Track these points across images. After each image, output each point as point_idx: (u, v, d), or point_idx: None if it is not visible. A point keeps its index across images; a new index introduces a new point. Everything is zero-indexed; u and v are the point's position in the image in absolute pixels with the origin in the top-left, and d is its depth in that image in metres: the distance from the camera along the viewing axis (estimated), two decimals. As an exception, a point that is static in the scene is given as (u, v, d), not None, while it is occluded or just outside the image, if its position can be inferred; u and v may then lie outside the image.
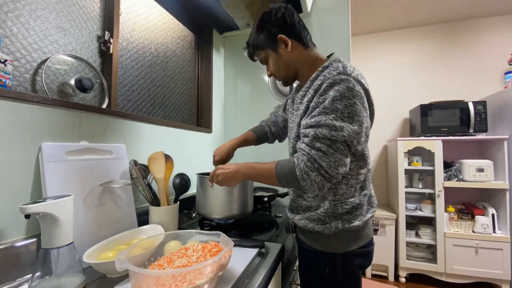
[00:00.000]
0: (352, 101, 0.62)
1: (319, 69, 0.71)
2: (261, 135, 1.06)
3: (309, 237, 0.78)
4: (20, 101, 0.61)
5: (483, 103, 2.07)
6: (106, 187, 0.77)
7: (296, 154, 0.67)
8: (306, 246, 0.79)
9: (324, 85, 0.65)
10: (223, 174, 0.76)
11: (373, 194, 0.80)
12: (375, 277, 2.27)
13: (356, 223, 0.71)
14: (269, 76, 0.83)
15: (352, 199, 0.72)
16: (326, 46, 1.44)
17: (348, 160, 0.64)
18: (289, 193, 0.86)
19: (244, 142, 1.04)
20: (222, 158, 1.00)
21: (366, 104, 0.66)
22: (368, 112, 0.68)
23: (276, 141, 1.11)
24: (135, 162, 0.88)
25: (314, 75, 0.71)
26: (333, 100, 0.62)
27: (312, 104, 0.67)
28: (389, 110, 2.62)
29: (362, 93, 0.65)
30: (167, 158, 0.95)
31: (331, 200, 0.71)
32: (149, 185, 0.89)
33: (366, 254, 0.76)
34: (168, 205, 0.89)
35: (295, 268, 1.10)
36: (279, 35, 0.73)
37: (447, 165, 2.14)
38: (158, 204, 0.88)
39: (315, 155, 0.62)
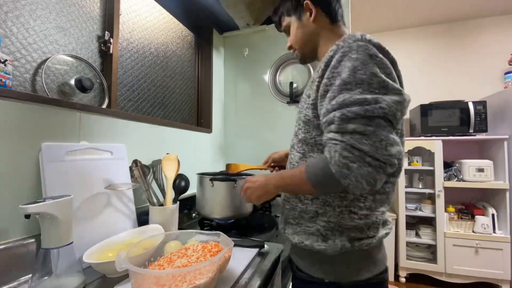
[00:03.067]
0: (378, 69, 0.49)
1: (336, 42, 0.57)
2: None
3: (306, 260, 0.61)
4: (20, 101, 0.61)
5: (483, 103, 2.07)
6: (111, 190, 0.77)
7: (326, 148, 0.51)
8: (301, 274, 0.62)
9: (337, 55, 0.52)
10: (251, 189, 0.65)
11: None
12: (375, 277, 2.27)
13: (368, 241, 0.56)
14: (288, 48, 0.74)
15: (365, 212, 0.56)
16: (326, 46, 1.44)
17: (397, 138, 0.48)
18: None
19: None
20: (281, 158, 0.91)
21: (394, 75, 0.52)
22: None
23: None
24: (137, 162, 0.88)
25: (329, 49, 0.57)
26: (354, 71, 0.49)
27: (324, 81, 0.53)
28: (389, 110, 2.62)
29: (388, 63, 0.51)
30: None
31: (336, 206, 0.56)
32: (150, 186, 0.89)
33: (381, 283, 0.59)
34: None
35: (295, 268, 1.09)
36: (305, 1, 0.66)
37: (447, 165, 2.14)
38: (162, 204, 0.89)
39: (351, 139, 0.46)
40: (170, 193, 0.91)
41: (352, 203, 0.56)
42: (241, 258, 0.68)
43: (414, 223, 2.29)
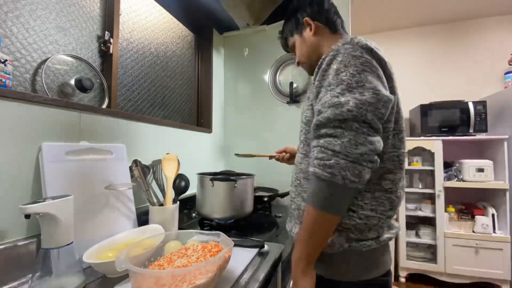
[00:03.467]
0: (359, 68, 0.52)
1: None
2: None
3: None
4: (20, 101, 0.61)
5: (483, 103, 2.07)
6: (111, 190, 0.77)
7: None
8: None
9: (327, 59, 0.57)
10: (293, 280, 0.57)
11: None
12: (375, 277, 2.27)
13: (368, 243, 0.56)
14: (297, 65, 0.79)
15: (367, 213, 0.55)
16: (326, 46, 1.44)
17: (373, 138, 0.49)
18: (290, 192, 0.71)
19: None
20: (294, 149, 1.01)
21: (380, 74, 0.53)
22: (387, 87, 0.54)
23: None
24: (137, 162, 0.88)
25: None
26: (337, 73, 0.53)
27: (316, 83, 0.58)
28: (389, 110, 2.62)
29: (374, 62, 0.53)
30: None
31: None
32: (150, 186, 0.89)
33: (382, 286, 0.59)
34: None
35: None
36: (304, 18, 0.72)
37: (447, 165, 2.14)
38: (162, 204, 0.89)
39: (324, 143, 0.50)
40: (170, 193, 0.91)
41: (350, 202, 0.56)
42: (241, 258, 0.68)
43: (414, 223, 2.29)
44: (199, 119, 1.60)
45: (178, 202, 0.93)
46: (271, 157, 1.12)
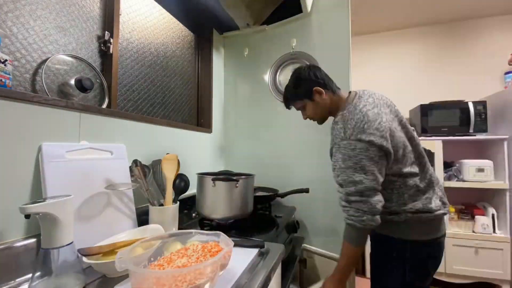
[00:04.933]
0: (358, 158, 0.77)
1: (339, 113, 0.88)
2: None
3: (382, 226, 0.85)
4: (20, 101, 0.61)
5: (483, 103, 2.07)
6: (111, 189, 0.77)
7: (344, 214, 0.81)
8: (379, 233, 0.90)
9: (334, 149, 0.85)
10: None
11: (443, 195, 0.93)
12: (375, 277, 2.26)
13: (425, 215, 0.82)
14: (305, 118, 1.02)
15: (412, 203, 0.83)
16: (326, 46, 1.44)
17: (378, 197, 0.78)
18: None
19: None
20: None
21: (370, 154, 0.77)
22: (377, 159, 0.78)
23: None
24: (137, 162, 0.88)
25: (336, 118, 0.88)
26: (344, 160, 0.79)
27: (333, 158, 0.86)
28: (389, 110, 2.61)
29: (366, 147, 0.76)
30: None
31: (395, 202, 0.85)
32: (150, 186, 0.89)
33: (436, 243, 0.85)
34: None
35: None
36: (314, 88, 0.92)
37: (447, 165, 2.14)
38: (162, 204, 0.89)
39: (356, 206, 0.77)
40: (170, 193, 0.91)
41: (393, 201, 0.85)
42: (241, 258, 0.68)
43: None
44: (199, 119, 1.60)
45: (178, 202, 0.93)
46: None
